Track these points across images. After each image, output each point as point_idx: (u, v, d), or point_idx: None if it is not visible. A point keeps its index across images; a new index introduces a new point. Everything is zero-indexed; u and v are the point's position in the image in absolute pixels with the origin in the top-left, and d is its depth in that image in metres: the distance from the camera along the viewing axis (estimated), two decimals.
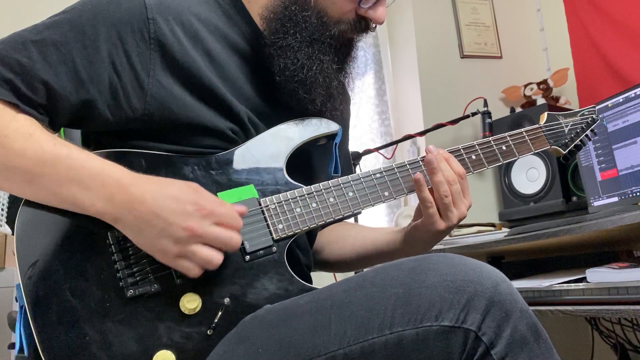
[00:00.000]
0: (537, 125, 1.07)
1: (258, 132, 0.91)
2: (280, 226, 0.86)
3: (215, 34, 0.91)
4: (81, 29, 0.82)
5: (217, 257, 0.77)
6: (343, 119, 1.10)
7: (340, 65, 0.96)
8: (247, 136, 0.90)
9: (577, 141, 1.09)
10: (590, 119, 1.10)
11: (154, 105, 0.84)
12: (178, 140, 0.86)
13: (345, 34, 0.94)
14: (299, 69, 0.90)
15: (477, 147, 1.00)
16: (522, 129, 1.05)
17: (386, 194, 0.92)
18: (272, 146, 0.91)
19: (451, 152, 0.97)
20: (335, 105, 0.95)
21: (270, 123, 0.93)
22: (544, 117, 1.09)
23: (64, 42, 0.81)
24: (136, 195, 0.75)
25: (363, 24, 0.94)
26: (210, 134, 0.87)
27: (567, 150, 1.09)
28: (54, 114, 0.82)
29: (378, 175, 0.93)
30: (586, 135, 1.10)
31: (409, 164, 0.95)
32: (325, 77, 0.92)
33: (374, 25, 0.95)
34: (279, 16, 0.91)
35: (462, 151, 0.99)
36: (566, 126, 1.08)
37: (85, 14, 0.83)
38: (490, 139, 1.01)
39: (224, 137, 0.88)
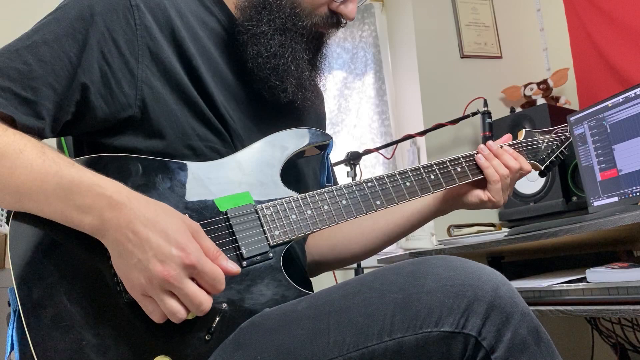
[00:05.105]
0: (516, 141, 1.13)
1: (229, 114, 0.92)
2: (277, 232, 0.86)
3: (196, 20, 0.94)
4: (69, 23, 0.83)
5: (181, 313, 0.71)
6: (318, 117, 1.12)
7: (312, 57, 0.98)
8: (219, 114, 0.91)
9: (553, 157, 1.15)
10: (563, 136, 1.16)
11: (146, 90, 0.86)
12: (170, 130, 0.86)
13: (317, 27, 0.97)
14: (271, 56, 0.93)
15: (461, 160, 1.05)
16: (502, 144, 1.10)
17: (378, 202, 0.94)
18: (267, 154, 0.92)
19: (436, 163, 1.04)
20: (306, 95, 0.97)
21: (239, 105, 0.95)
22: (522, 133, 1.15)
23: (54, 39, 0.82)
24: (125, 217, 0.71)
25: (335, 19, 0.98)
26: (194, 113, 0.88)
27: (544, 166, 1.14)
28: (55, 113, 0.82)
29: (370, 184, 0.94)
30: (561, 152, 1.16)
31: (398, 174, 0.98)
32: (297, 66, 0.94)
33: (344, 22, 0.99)
34: (254, 3, 0.95)
35: (448, 163, 1.04)
36: (542, 143, 1.15)
37: (71, 10, 0.84)
38: (460, 156, 1.07)
39: (205, 119, 0.89)
